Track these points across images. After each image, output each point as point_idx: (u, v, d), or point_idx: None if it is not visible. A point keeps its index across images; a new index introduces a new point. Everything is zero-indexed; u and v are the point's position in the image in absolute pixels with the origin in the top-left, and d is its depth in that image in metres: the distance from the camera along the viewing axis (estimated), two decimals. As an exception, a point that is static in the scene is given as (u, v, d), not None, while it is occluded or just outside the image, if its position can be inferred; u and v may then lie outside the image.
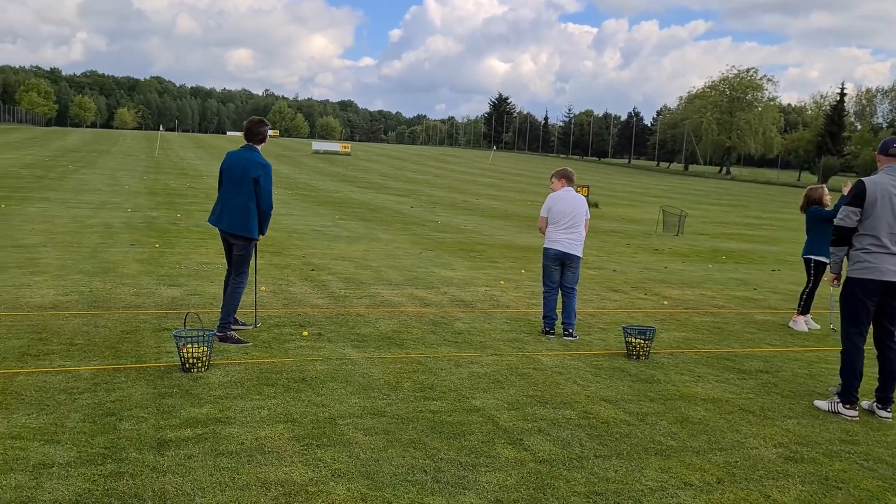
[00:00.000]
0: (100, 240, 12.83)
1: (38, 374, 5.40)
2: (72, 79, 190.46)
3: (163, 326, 7.04)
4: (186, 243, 13.03)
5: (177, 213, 18.39)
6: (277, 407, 4.97)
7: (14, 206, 17.32)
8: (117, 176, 31.38)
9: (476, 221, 22.09)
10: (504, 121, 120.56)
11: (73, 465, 3.91)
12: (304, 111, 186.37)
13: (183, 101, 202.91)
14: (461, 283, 10.60)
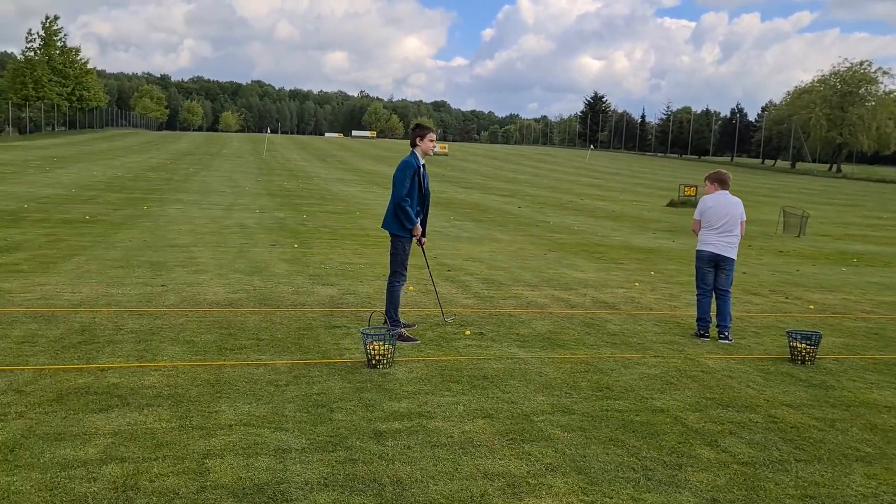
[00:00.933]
0: (241, 240, 13.53)
1: (242, 367, 5.83)
2: (180, 84, 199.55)
3: (332, 324, 7.43)
4: (321, 244, 13.58)
5: (301, 214, 19.13)
6: (471, 403, 5.21)
7: (155, 208, 18.43)
8: (233, 178, 32.78)
9: (587, 222, 22.01)
10: (599, 119, 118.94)
11: (308, 451, 4.24)
12: (398, 112, 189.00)
13: (282, 104, 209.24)
14: (596, 285, 10.67)
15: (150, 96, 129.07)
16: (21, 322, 6.90)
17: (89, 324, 6.95)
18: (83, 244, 11.98)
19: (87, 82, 76.40)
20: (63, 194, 20.60)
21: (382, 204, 23.81)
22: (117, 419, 4.62)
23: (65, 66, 73.42)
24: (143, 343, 6.39)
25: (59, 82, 71.29)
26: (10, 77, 69.84)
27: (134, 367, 5.73)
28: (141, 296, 8.29)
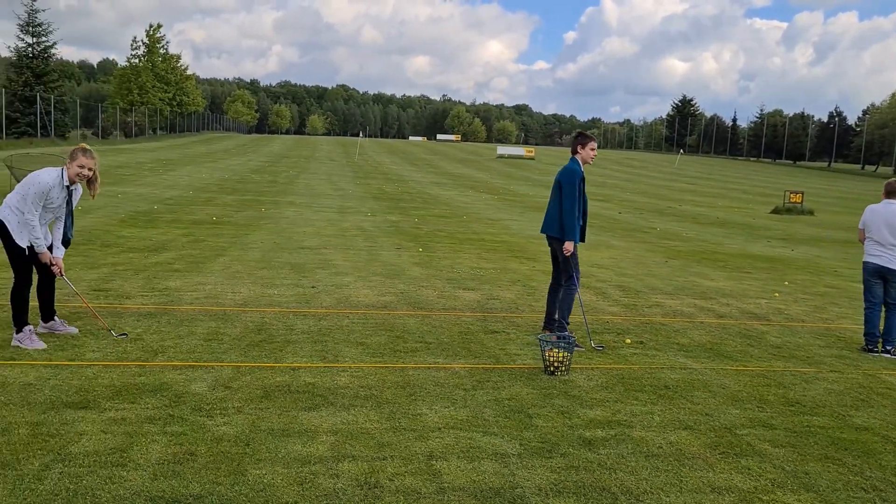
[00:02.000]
0: (365, 243, 13.80)
1: (422, 370, 5.95)
2: (268, 89, 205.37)
3: (490, 329, 7.51)
4: (443, 248, 13.72)
5: (410, 217, 19.38)
6: (665, 413, 5.18)
7: (272, 210, 19.00)
8: (333, 181, 33.48)
9: (694, 229, 21.52)
10: (688, 123, 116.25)
11: (526, 457, 4.30)
12: (480, 116, 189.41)
13: (366, 108, 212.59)
14: (735, 295, 10.43)
15: (242, 101, 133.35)
16: (200, 320, 7.22)
17: (261, 323, 7.23)
18: (221, 244, 12.46)
19: (186, 87, 79.52)
20: (184, 196, 21.48)
21: (486, 208, 23.92)
22: (329, 418, 4.79)
23: (167, 72, 76.58)
24: (320, 344, 6.60)
25: (161, 88, 74.42)
26: (116, 83, 73.35)
27: (321, 367, 5.92)
28: (297, 296, 8.56)
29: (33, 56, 50.19)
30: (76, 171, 6.20)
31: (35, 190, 6.05)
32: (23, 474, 3.78)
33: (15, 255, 6.12)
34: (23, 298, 6.11)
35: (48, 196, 6.12)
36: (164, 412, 4.75)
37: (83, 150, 6.30)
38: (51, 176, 6.15)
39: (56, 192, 6.17)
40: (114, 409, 4.75)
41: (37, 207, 6.08)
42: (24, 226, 6.09)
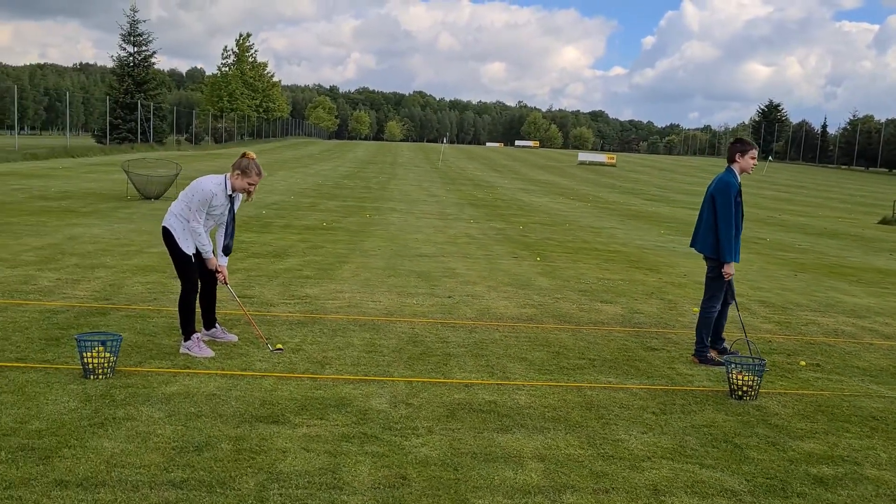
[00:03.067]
0: (480, 251, 13.58)
1: (599, 390, 5.66)
2: (347, 95, 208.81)
3: (649, 346, 7.15)
4: (560, 257, 13.38)
5: (515, 225, 19.10)
6: (890, 450, 4.74)
7: (377, 216, 19.02)
8: (424, 186, 33.51)
9: (806, 240, 20.53)
10: (775, 129, 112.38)
11: (760, 495, 3.96)
12: (557, 122, 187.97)
13: (442, 114, 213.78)
14: (890, 313, 9.76)
15: (323, 107, 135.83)
16: (352, 330, 7.11)
17: (413, 334, 7.06)
18: (340, 251, 12.44)
19: (273, 94, 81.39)
20: (286, 201, 21.75)
21: (583, 216, 23.43)
22: (528, 441, 4.54)
23: (254, 79, 78.56)
24: (482, 358, 6.38)
25: (249, 95, 76.37)
26: (207, 90, 75.68)
27: (492, 383, 5.69)
28: (437, 307, 8.39)
29: (134, 65, 52.17)
30: (244, 185, 6.17)
31: (199, 198, 6.03)
32: (242, 494, 3.66)
33: (182, 262, 6.11)
34: (191, 306, 6.09)
35: (211, 203, 6.09)
36: (354, 430, 4.59)
37: (256, 165, 6.26)
38: (214, 184, 6.12)
39: (219, 200, 6.14)
40: (305, 426, 4.62)
41: (200, 215, 6.06)
42: (189, 233, 6.08)
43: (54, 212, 15.58)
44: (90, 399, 4.89)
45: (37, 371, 5.41)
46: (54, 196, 18.88)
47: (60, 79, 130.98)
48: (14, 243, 11.27)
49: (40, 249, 10.81)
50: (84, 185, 22.84)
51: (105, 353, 5.32)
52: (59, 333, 6.41)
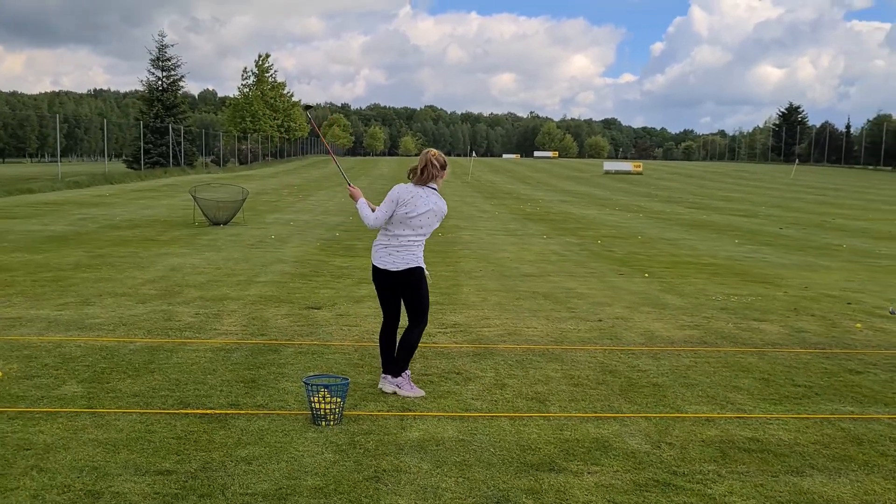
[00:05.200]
0: (580, 268, 13.24)
1: (846, 421, 5.31)
2: (359, 112, 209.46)
3: (850, 368, 6.79)
4: (663, 272, 13.02)
5: (588, 239, 18.75)
6: None
7: (449, 235, 18.72)
8: (468, 202, 33.23)
9: (879, 245, 20.08)
10: (796, 132, 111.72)
11: None
12: (571, 131, 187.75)
13: (454, 127, 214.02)
14: None
15: (339, 124, 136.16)
16: (535, 360, 6.80)
17: (602, 363, 6.74)
18: (445, 273, 12.13)
19: (293, 114, 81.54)
20: (349, 222, 21.47)
21: (646, 227, 22.97)
22: (838, 486, 4.21)
23: (275, 99, 78.74)
24: (695, 388, 6.05)
25: (271, 115, 76.53)
26: (230, 112, 75.91)
27: (733, 417, 5.37)
28: (596, 330, 8.07)
29: (163, 89, 52.33)
30: (442, 182, 5.80)
31: (440, 218, 5.65)
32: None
33: (427, 299, 5.72)
34: (410, 342, 5.75)
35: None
36: (642, 476, 4.27)
37: (442, 158, 5.78)
38: (440, 203, 5.67)
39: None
40: (586, 473, 4.31)
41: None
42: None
43: (135, 241, 15.37)
44: (342, 449, 4.60)
45: (261, 418, 5.12)
46: (123, 225, 18.70)
47: (77, 106, 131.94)
48: (123, 276, 11.04)
49: (153, 282, 10.57)
50: (143, 212, 22.68)
51: (334, 399, 5.02)
52: (250, 375, 6.12)
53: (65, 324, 7.81)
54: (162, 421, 5.04)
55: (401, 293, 5.64)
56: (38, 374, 6.00)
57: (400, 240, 5.56)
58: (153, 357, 6.60)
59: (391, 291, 5.66)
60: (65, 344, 6.98)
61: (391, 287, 5.62)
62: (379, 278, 5.65)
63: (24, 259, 12.50)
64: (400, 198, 5.52)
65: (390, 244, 5.58)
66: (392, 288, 5.62)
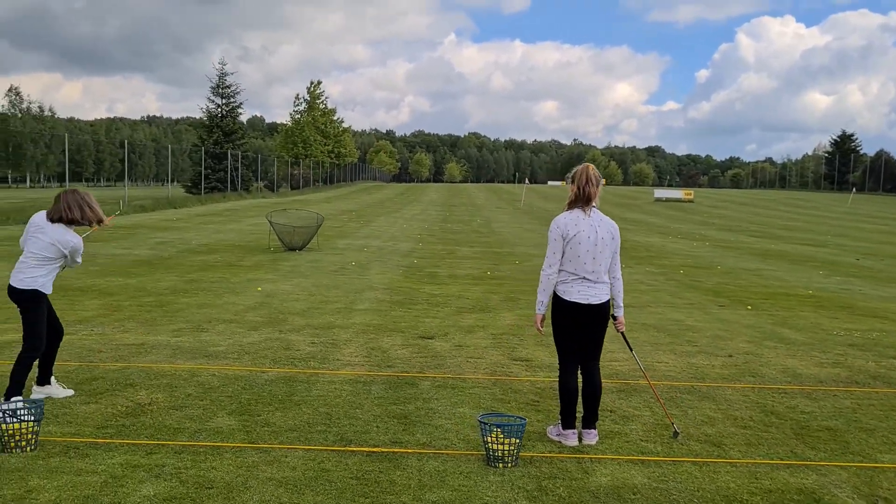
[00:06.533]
0: (676, 299, 12.84)
1: None
2: (403, 139, 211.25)
3: None
4: (761, 304, 12.54)
5: (670, 269, 18.30)
6: None
7: (526, 263, 18.44)
8: (527, 228, 32.93)
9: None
10: (850, 160, 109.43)
11: None
12: (615, 158, 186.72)
13: (498, 154, 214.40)
14: None
15: (385, 151, 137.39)
16: (686, 399, 6.47)
17: (757, 403, 6.39)
18: (543, 303, 11.84)
19: (343, 140, 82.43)
20: (419, 248, 21.34)
21: (718, 256, 22.36)
22: None
23: (325, 125, 79.71)
24: (877, 434, 5.65)
25: (321, 141, 77.44)
26: (282, 138, 77.04)
27: (933, 467, 4.96)
28: (731, 366, 7.71)
29: (222, 116, 53.28)
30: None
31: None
32: None
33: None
34: None
35: None
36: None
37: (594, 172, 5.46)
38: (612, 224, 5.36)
39: None
40: (811, 529, 3.96)
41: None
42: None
43: (221, 266, 15.39)
44: (533, 495, 4.34)
45: (432, 458, 4.89)
46: (201, 250, 18.81)
47: (132, 131, 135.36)
48: (222, 302, 10.98)
49: (255, 309, 10.48)
50: (215, 236, 22.86)
51: (512, 440, 4.77)
52: (399, 410, 5.91)
53: (189, 351, 7.70)
54: (332, 459, 4.83)
55: (591, 329, 5.27)
56: (186, 405, 5.86)
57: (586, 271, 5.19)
58: (292, 388, 6.42)
59: (584, 328, 5.24)
60: (199, 373, 6.85)
61: (586, 324, 5.23)
62: (577, 314, 5.18)
63: (121, 283, 12.55)
64: (564, 232, 5.23)
65: (586, 279, 5.20)
66: (586, 325, 5.22)
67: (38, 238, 5.70)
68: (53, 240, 5.68)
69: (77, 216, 5.75)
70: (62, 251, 5.72)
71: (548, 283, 5.25)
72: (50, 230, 5.70)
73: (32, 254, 5.69)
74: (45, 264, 5.71)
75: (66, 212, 5.72)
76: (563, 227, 5.20)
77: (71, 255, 5.78)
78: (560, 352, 5.33)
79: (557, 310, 5.25)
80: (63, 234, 5.71)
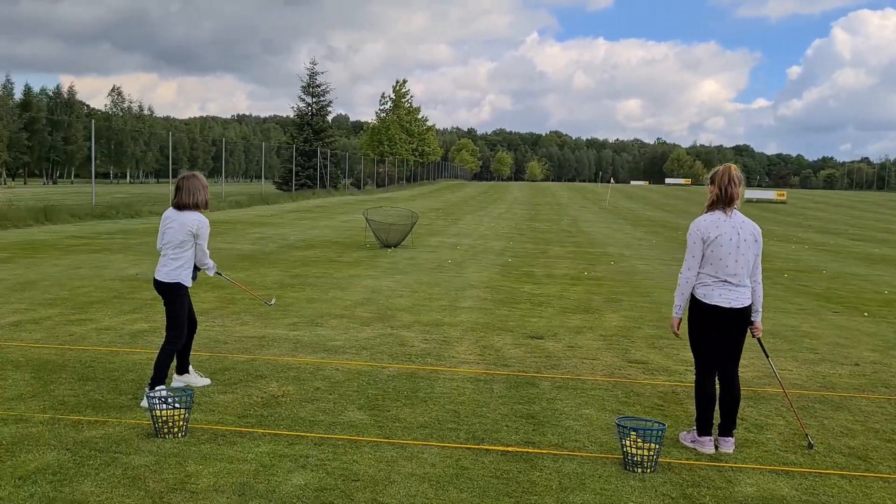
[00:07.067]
0: (787, 304, 12.40)
1: None
2: (485, 137, 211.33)
3: None
4: (878, 312, 11.98)
5: (779, 273, 17.70)
6: None
7: (622, 264, 18.16)
8: (616, 228, 32.41)
9: None
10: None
11: None
12: (701, 158, 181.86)
13: (580, 153, 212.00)
14: None
15: (467, 149, 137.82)
16: (820, 409, 6.22)
17: (894, 415, 6.09)
18: (645, 304, 11.64)
19: (428, 138, 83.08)
20: (510, 247, 21.29)
21: (821, 260, 21.48)
22: None
23: (410, 124, 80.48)
24: None
25: (406, 139, 78.26)
26: (367, 136, 78.25)
27: None
28: (860, 376, 7.40)
29: (312, 114, 54.51)
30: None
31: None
32: None
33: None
34: None
35: None
36: None
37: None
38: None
39: None
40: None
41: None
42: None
43: (322, 262, 15.74)
44: (678, 503, 4.24)
45: (567, 459, 4.87)
46: (300, 245, 19.27)
47: (224, 130, 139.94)
48: (329, 297, 11.22)
49: (362, 305, 10.67)
50: (310, 232, 23.39)
51: (650, 445, 4.70)
52: (524, 409, 5.92)
53: (309, 345, 7.90)
54: (468, 457, 4.87)
55: (732, 334, 5.17)
56: (317, 398, 6.01)
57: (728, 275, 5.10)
58: (415, 385, 6.51)
59: (725, 333, 5.12)
60: (323, 367, 7.02)
61: (726, 328, 5.11)
62: (718, 318, 5.08)
63: (230, 277, 12.97)
64: (704, 234, 5.13)
65: (728, 282, 5.09)
66: (727, 329, 5.11)
67: (170, 227, 5.94)
68: (180, 223, 5.89)
69: (200, 199, 5.96)
70: (189, 230, 5.87)
71: (686, 286, 5.16)
72: (177, 217, 5.93)
73: (168, 244, 5.93)
74: (181, 253, 5.90)
75: (192, 195, 5.92)
76: (704, 229, 5.10)
77: (196, 235, 5.89)
78: (698, 357, 5.23)
79: (697, 314, 5.14)
80: (188, 216, 5.90)
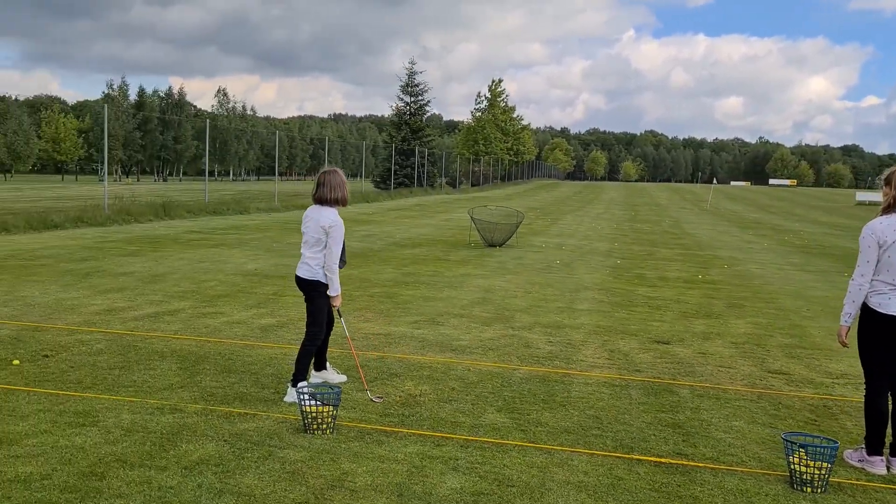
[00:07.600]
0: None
1: None
2: (578, 136, 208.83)
3: None
4: None
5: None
6: None
7: (737, 267, 17.50)
8: (721, 230, 31.31)
9: None
10: None
11: None
12: (806, 158, 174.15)
13: (676, 153, 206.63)
14: None
15: (560, 148, 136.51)
16: None
17: None
18: (775, 311, 11.13)
19: (523, 138, 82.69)
20: (616, 249, 20.86)
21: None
22: None
23: (505, 123, 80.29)
24: None
25: (501, 139, 78.12)
26: (463, 136, 78.54)
27: None
28: None
29: (411, 114, 55.12)
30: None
31: None
32: None
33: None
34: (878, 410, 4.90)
35: None
36: None
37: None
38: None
39: None
40: None
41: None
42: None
43: (430, 260, 15.80)
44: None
45: (727, 475, 4.64)
46: (406, 243, 19.44)
47: (321, 129, 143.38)
48: (444, 295, 11.23)
49: (479, 304, 10.62)
50: (414, 230, 23.59)
51: (820, 463, 4.42)
52: (669, 418, 5.71)
53: (436, 344, 7.90)
54: (620, 466, 4.71)
55: None
56: (454, 399, 5.98)
57: None
58: (550, 388, 6.39)
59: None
60: (453, 367, 6.99)
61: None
62: (895, 329, 4.80)
63: (345, 273, 13.14)
64: (880, 239, 4.80)
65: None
66: None
67: (309, 225, 5.93)
68: (316, 220, 5.85)
69: (340, 196, 5.92)
70: (322, 227, 5.75)
71: (858, 293, 4.84)
72: (316, 214, 5.90)
73: (306, 242, 5.94)
74: (317, 252, 5.88)
75: (333, 191, 5.86)
76: (880, 233, 4.78)
77: (328, 232, 5.74)
78: (870, 369, 4.90)
79: (870, 323, 4.82)
80: (325, 213, 5.82)
